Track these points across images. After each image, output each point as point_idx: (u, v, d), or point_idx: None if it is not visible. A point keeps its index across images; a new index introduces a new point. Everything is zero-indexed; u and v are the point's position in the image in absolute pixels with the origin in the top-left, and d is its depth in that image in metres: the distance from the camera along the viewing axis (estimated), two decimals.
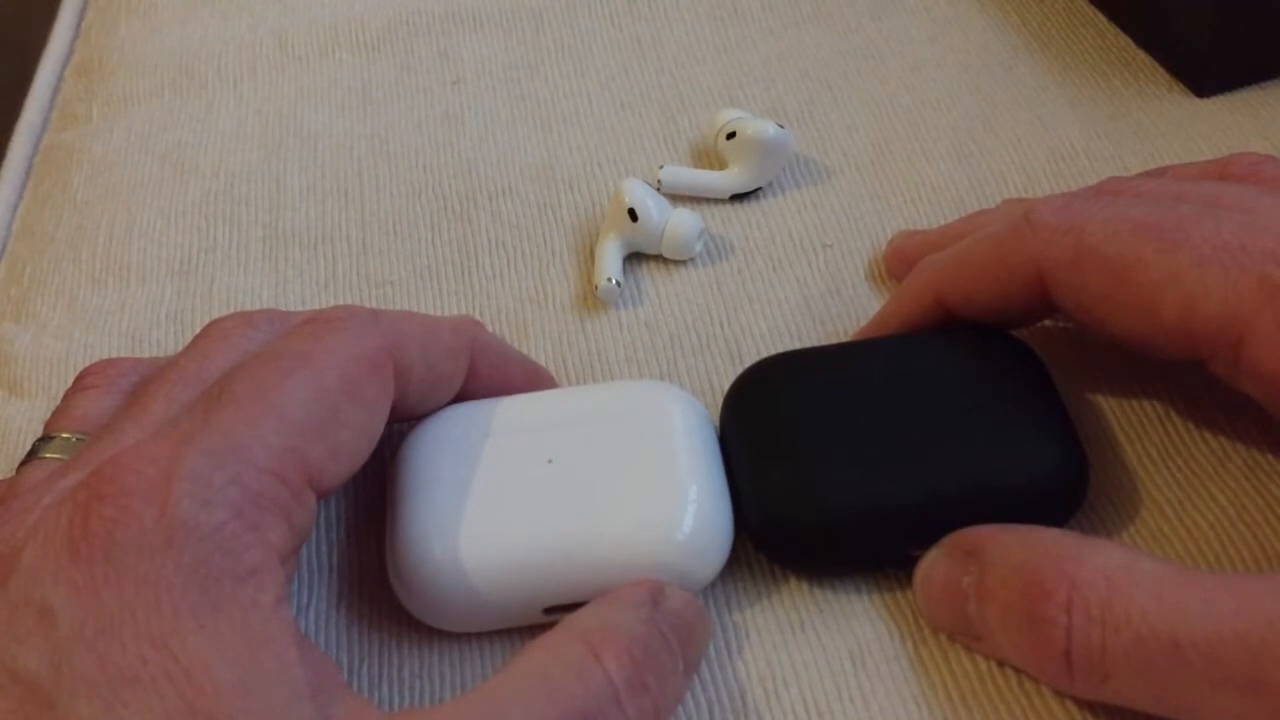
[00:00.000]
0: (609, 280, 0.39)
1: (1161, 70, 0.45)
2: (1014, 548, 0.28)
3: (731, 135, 0.42)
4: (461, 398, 0.33)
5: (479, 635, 0.32)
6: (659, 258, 0.41)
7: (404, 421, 0.33)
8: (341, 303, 0.40)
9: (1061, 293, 0.31)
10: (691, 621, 0.29)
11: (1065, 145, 0.43)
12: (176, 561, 0.24)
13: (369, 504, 0.35)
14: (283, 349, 0.29)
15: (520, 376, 0.35)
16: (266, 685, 0.24)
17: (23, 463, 0.31)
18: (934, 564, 0.30)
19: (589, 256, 0.41)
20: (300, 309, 0.41)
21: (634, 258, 0.41)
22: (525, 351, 0.38)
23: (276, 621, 0.25)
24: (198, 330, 0.32)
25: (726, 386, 0.34)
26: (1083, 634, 0.26)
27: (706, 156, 0.44)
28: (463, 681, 0.31)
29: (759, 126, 0.42)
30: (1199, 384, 0.34)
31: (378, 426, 0.30)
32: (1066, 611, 0.26)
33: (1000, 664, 0.30)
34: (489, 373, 0.34)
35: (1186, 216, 0.29)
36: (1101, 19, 0.48)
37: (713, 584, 0.32)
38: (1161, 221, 0.29)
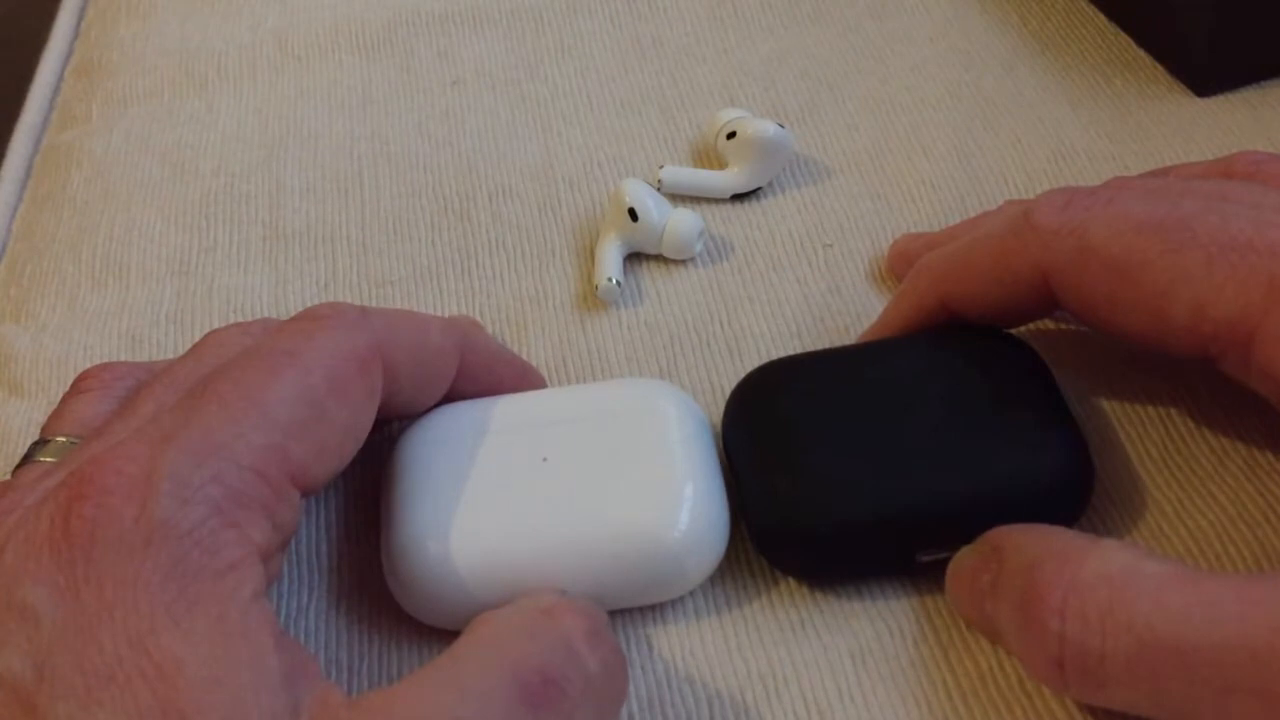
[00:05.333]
0: (609, 280, 0.39)
1: (1161, 70, 0.45)
2: (1026, 546, 0.28)
3: (731, 135, 0.42)
4: (452, 396, 0.33)
5: None
6: (659, 258, 0.41)
7: (394, 420, 0.33)
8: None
9: (1066, 294, 0.31)
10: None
11: (1065, 145, 0.43)
12: (155, 560, 0.24)
13: (366, 503, 0.34)
14: (269, 347, 0.29)
15: (510, 376, 0.35)
16: (239, 678, 0.24)
17: (18, 466, 0.30)
18: (964, 558, 0.30)
19: (589, 256, 0.41)
20: (300, 309, 0.41)
21: (634, 258, 0.41)
22: (525, 351, 0.38)
23: (254, 614, 0.25)
24: (198, 331, 0.32)
25: (727, 386, 0.34)
26: (1077, 640, 0.26)
27: (706, 156, 0.44)
28: None
29: (759, 126, 0.42)
30: (1200, 383, 0.34)
31: (364, 425, 0.30)
32: (1060, 617, 0.26)
33: (1000, 664, 0.30)
34: (479, 372, 0.34)
35: (1191, 213, 0.29)
36: (1101, 19, 0.48)
37: (712, 583, 0.32)
38: (1165, 219, 0.29)
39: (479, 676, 0.25)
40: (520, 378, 0.35)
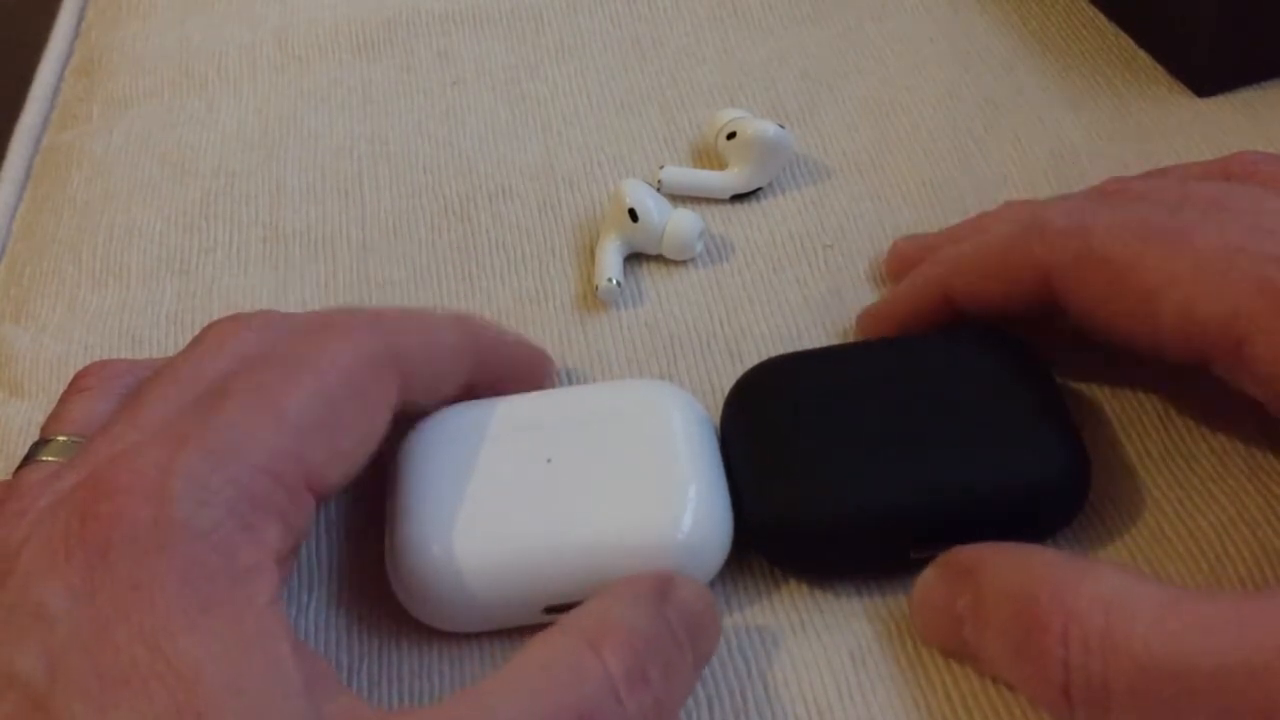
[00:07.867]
0: (609, 280, 0.39)
1: (1161, 70, 0.45)
2: (1009, 571, 0.28)
3: (731, 135, 0.42)
4: (466, 389, 0.33)
5: (479, 635, 0.32)
6: (659, 258, 0.41)
7: (407, 418, 0.33)
8: (342, 303, 0.41)
9: (1066, 296, 0.31)
10: (701, 613, 0.29)
11: (1065, 145, 0.43)
12: (171, 562, 0.24)
13: (369, 504, 0.34)
14: (286, 352, 0.29)
15: (523, 361, 0.35)
16: (258, 684, 0.24)
17: (20, 466, 0.30)
18: (929, 584, 0.30)
19: (589, 256, 0.41)
20: (300, 309, 0.41)
21: (634, 258, 0.41)
22: None
23: (271, 620, 0.25)
24: (198, 331, 0.32)
25: (726, 386, 0.34)
26: (1081, 667, 0.25)
27: (706, 156, 0.44)
28: (462, 681, 0.31)
29: (759, 126, 0.42)
30: (1200, 384, 0.34)
31: (380, 430, 0.30)
32: (1063, 644, 0.26)
33: None
34: (492, 363, 0.34)
35: (1189, 219, 0.29)
36: (1101, 19, 0.48)
37: (712, 584, 0.32)
38: (1163, 224, 0.29)
39: (514, 712, 0.25)
40: (531, 364, 0.35)
